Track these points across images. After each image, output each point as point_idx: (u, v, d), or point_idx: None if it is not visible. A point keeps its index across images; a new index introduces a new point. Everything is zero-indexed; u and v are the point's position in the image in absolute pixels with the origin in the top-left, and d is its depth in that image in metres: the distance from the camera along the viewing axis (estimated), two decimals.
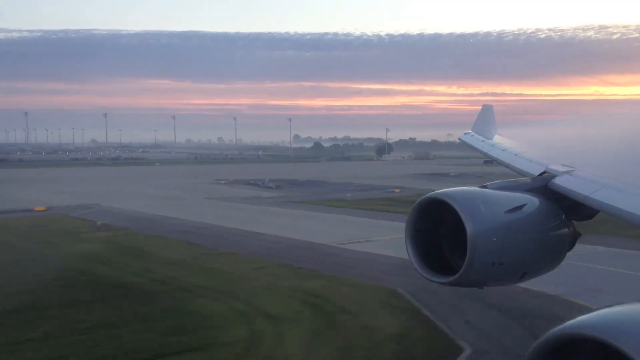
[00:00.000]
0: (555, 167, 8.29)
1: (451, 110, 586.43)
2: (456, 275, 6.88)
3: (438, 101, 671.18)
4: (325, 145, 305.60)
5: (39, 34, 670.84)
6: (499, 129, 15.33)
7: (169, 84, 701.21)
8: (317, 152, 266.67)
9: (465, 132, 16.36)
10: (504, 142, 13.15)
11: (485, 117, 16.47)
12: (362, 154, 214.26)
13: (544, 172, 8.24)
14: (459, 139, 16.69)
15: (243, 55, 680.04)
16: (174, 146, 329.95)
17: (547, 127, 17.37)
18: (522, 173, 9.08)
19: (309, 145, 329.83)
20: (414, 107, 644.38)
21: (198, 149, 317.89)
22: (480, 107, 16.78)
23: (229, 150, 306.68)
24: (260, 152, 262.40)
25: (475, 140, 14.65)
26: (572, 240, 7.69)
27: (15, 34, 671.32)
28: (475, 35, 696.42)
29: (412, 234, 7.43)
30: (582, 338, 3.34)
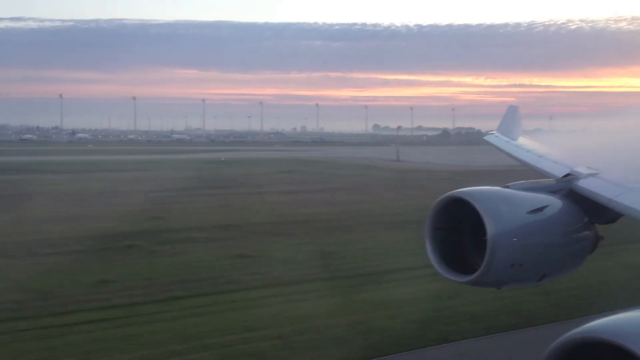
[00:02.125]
0: (579, 169, 8.19)
1: (478, 101, 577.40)
2: (475, 275, 6.84)
3: (465, 92, 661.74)
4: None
5: (71, 23, 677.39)
6: (524, 131, 15.22)
7: (196, 74, 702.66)
8: (447, 138, 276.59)
9: (490, 132, 16.34)
10: (528, 143, 13.05)
11: (511, 118, 16.35)
12: None
13: (568, 174, 8.15)
14: (483, 139, 16.66)
15: (270, 45, 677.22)
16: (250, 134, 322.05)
17: (573, 129, 17.14)
18: (546, 174, 8.99)
19: (387, 133, 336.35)
20: (440, 98, 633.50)
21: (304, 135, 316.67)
22: (507, 101, 16.71)
23: (329, 136, 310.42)
24: (424, 137, 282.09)
25: (500, 141, 14.59)
26: (593, 244, 7.60)
27: (47, 23, 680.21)
28: (504, 26, 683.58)
29: (432, 232, 7.40)
30: (600, 342, 3.32)
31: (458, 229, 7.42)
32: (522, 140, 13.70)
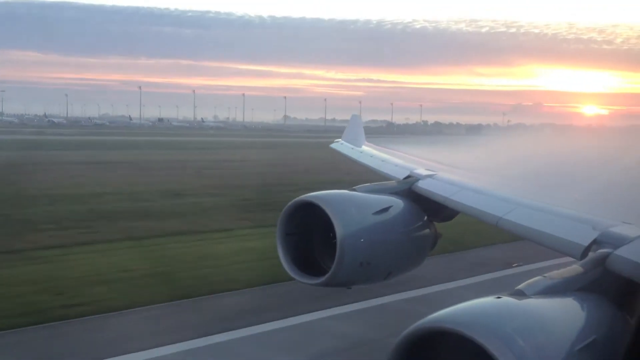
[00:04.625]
0: (419, 171, 8.69)
1: (329, 94, 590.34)
2: (326, 277, 6.95)
3: (316, 85, 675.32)
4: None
5: None
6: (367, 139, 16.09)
7: (35, 56, 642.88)
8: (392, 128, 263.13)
9: (336, 140, 17.12)
10: (371, 149, 13.79)
11: (354, 127, 17.40)
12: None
13: (409, 176, 8.60)
14: (330, 146, 17.41)
15: (118, 29, 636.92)
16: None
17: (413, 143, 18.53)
18: (389, 177, 9.41)
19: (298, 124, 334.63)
20: (293, 89, 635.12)
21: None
22: (357, 95, 17.89)
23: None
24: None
25: (345, 148, 15.33)
26: (433, 241, 8.07)
27: None
28: (355, 22, 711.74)
29: (282, 237, 7.42)
30: (442, 331, 3.48)
31: (309, 233, 7.52)
32: (366, 147, 14.43)
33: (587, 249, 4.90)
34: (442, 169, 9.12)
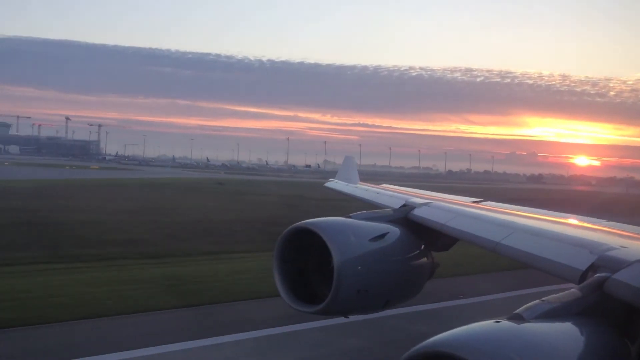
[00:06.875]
0: (414, 200, 8.71)
1: (324, 137, 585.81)
2: (323, 304, 6.87)
3: (311, 128, 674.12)
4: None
5: None
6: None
7: (32, 92, 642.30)
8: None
9: (330, 179, 17.55)
10: (366, 185, 14.13)
11: (348, 167, 17.82)
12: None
13: (404, 205, 8.60)
14: (324, 185, 17.78)
15: (117, 68, 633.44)
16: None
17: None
18: (384, 207, 9.43)
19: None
20: (288, 132, 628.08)
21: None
22: (352, 139, 18.46)
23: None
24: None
25: (340, 185, 15.83)
26: (431, 270, 8.02)
27: None
28: (353, 68, 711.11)
29: (279, 264, 7.37)
30: (440, 355, 3.44)
31: (306, 260, 7.48)
32: (360, 184, 14.87)
33: (585, 273, 4.88)
34: (437, 198, 9.15)
